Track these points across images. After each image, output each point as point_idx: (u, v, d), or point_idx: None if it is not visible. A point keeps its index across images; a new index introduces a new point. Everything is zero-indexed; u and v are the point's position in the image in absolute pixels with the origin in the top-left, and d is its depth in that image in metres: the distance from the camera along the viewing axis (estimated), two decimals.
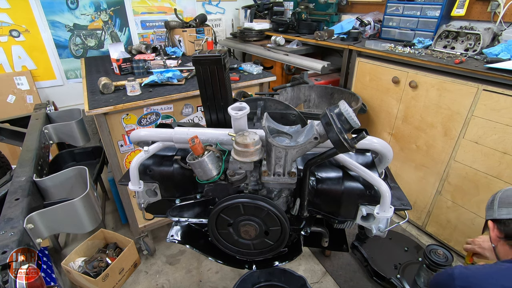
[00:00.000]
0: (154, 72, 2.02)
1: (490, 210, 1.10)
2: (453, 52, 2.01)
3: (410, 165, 2.23)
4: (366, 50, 2.24)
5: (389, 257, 2.00)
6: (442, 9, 2.14)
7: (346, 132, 0.73)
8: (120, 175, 1.76)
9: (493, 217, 1.06)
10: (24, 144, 1.37)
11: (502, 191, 1.11)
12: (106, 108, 1.59)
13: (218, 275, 2.06)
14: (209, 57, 1.05)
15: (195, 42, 2.80)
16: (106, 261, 1.94)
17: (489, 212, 1.10)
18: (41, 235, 0.91)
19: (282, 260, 1.14)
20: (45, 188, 1.11)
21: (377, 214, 0.91)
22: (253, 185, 0.99)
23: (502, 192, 1.10)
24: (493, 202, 1.10)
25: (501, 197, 1.08)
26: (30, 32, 2.71)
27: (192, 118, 1.96)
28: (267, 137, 0.83)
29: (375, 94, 2.31)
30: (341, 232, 1.29)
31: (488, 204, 1.14)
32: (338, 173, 0.97)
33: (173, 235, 1.15)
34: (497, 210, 1.05)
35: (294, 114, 1.09)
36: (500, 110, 1.62)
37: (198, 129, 1.04)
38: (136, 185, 1.05)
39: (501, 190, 1.13)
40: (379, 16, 2.69)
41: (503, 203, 1.05)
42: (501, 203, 1.06)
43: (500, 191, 1.12)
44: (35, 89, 2.79)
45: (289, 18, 3.21)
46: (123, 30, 3.16)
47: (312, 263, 2.14)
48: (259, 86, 2.09)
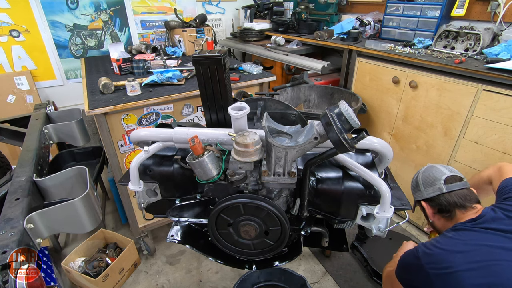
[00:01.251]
0: (154, 72, 2.02)
1: (418, 192, 1.25)
2: (453, 52, 2.01)
3: (410, 165, 2.23)
4: (366, 50, 2.24)
5: (389, 257, 1.98)
6: (442, 9, 2.14)
7: (346, 132, 0.73)
8: (120, 175, 1.76)
9: (424, 197, 1.21)
10: (24, 144, 1.37)
11: (419, 173, 1.28)
12: (106, 108, 1.59)
13: (218, 275, 2.06)
14: (209, 57, 1.05)
15: (195, 42, 2.80)
16: (106, 261, 1.94)
17: (418, 193, 1.25)
18: (41, 235, 0.91)
19: (282, 260, 1.14)
20: (45, 188, 1.11)
21: (377, 214, 0.91)
22: (253, 185, 0.99)
23: (421, 174, 1.25)
24: (418, 184, 1.25)
25: (423, 179, 1.23)
26: (30, 32, 2.71)
27: (192, 118, 1.96)
28: (267, 137, 0.83)
29: (375, 94, 2.31)
30: (341, 232, 1.29)
31: (413, 186, 1.29)
32: (338, 173, 0.97)
33: (173, 235, 1.15)
34: (425, 191, 1.21)
35: (294, 114, 1.09)
36: (500, 110, 1.62)
37: (198, 129, 1.04)
38: (136, 185, 1.05)
39: (418, 172, 1.29)
40: (379, 16, 2.69)
41: (426, 183, 1.21)
42: (425, 183, 1.21)
43: (418, 173, 1.28)
44: (35, 89, 2.79)
45: (289, 18, 3.20)
46: (123, 30, 3.16)
47: (312, 263, 2.14)
48: (259, 86, 2.09)
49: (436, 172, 1.21)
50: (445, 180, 1.16)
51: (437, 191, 1.16)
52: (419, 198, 1.24)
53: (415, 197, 1.28)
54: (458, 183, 1.15)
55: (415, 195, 1.28)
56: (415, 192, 1.28)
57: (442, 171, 1.20)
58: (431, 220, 1.23)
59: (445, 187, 1.15)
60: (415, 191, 1.28)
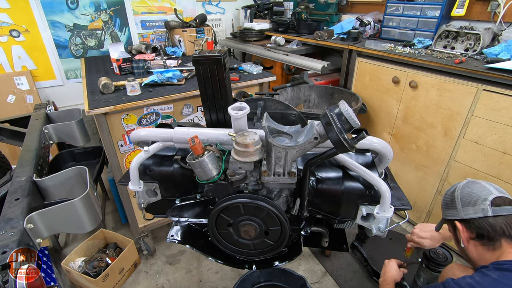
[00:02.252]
0: (154, 72, 2.02)
1: (452, 210, 1.06)
2: (453, 52, 2.01)
3: (410, 165, 2.23)
4: (366, 50, 2.24)
5: (389, 257, 1.98)
6: (442, 9, 2.14)
7: (346, 132, 0.73)
8: (120, 175, 1.76)
9: (460, 217, 1.02)
10: (24, 144, 1.37)
11: (459, 188, 1.07)
12: (106, 108, 1.59)
13: (218, 275, 2.06)
14: (209, 57, 1.05)
15: (195, 42, 2.79)
16: (106, 261, 1.94)
17: (451, 212, 1.06)
18: (41, 235, 0.91)
19: (282, 260, 1.14)
20: (45, 188, 1.11)
21: (377, 214, 0.91)
22: (253, 185, 0.99)
23: (461, 190, 1.06)
24: (454, 201, 1.05)
25: (462, 196, 1.04)
26: (30, 32, 2.71)
27: (192, 118, 1.96)
28: (267, 137, 0.83)
29: (375, 94, 2.31)
30: (341, 232, 1.29)
31: (445, 202, 1.10)
32: (338, 173, 0.97)
33: (173, 235, 1.15)
34: (462, 210, 1.02)
35: (294, 114, 1.09)
36: (500, 110, 1.62)
37: (198, 129, 1.04)
38: (136, 185, 1.05)
39: (456, 186, 1.09)
40: (379, 16, 2.69)
41: (466, 202, 1.02)
42: (464, 202, 1.02)
43: (455, 189, 1.08)
44: (35, 89, 2.79)
45: (289, 18, 3.20)
46: (123, 30, 3.16)
47: (312, 263, 2.14)
48: (259, 86, 2.09)
49: (481, 190, 1.01)
50: (492, 201, 0.96)
51: (480, 213, 0.97)
52: (452, 218, 1.05)
53: (447, 215, 1.08)
54: (508, 207, 0.95)
55: (446, 213, 1.09)
56: (447, 210, 1.08)
57: (488, 190, 1.00)
58: (464, 246, 1.03)
59: (491, 210, 0.95)
60: (448, 208, 1.08)
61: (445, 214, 1.10)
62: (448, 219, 1.08)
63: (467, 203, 1.01)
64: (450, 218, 1.07)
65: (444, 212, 1.11)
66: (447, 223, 1.12)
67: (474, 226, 0.99)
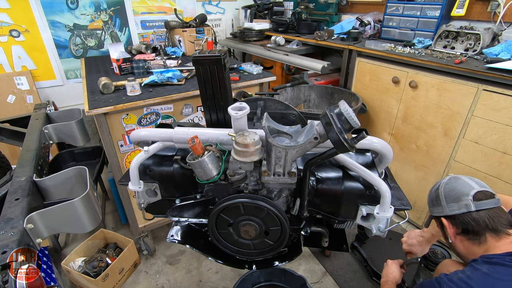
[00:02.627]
0: (154, 72, 2.02)
1: (437, 207, 1.07)
2: (453, 52, 2.01)
3: (410, 165, 2.23)
4: (366, 50, 2.24)
5: (389, 257, 1.99)
6: (442, 9, 2.14)
7: (346, 132, 0.73)
8: (120, 175, 1.76)
9: (445, 213, 1.04)
10: (24, 144, 1.37)
11: (441, 184, 1.09)
12: (106, 108, 1.59)
13: (218, 275, 2.06)
14: (209, 57, 1.05)
15: (195, 42, 2.79)
16: (106, 261, 1.94)
17: (437, 209, 1.07)
18: (41, 235, 0.91)
19: (282, 260, 1.14)
20: (45, 188, 1.11)
21: (377, 214, 0.91)
22: (253, 185, 0.99)
23: (443, 186, 1.07)
24: (438, 198, 1.07)
25: (445, 192, 1.05)
26: (30, 32, 2.71)
27: (192, 118, 1.96)
28: (267, 137, 0.83)
29: (375, 94, 2.31)
30: (341, 232, 1.29)
31: (431, 200, 1.12)
32: (338, 173, 0.97)
33: (173, 235, 1.15)
34: (447, 206, 1.03)
35: (294, 114, 1.09)
36: (500, 110, 1.62)
37: (198, 129, 1.04)
38: (136, 185, 1.05)
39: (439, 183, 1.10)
40: (379, 16, 2.69)
41: (450, 198, 1.03)
42: (448, 198, 1.04)
43: (439, 186, 1.09)
44: (35, 89, 2.79)
45: (289, 18, 3.20)
46: (123, 30, 3.16)
47: (312, 263, 2.14)
48: (259, 86, 2.09)
49: (463, 185, 1.02)
50: (474, 196, 0.98)
51: (463, 208, 0.98)
52: (438, 214, 1.07)
53: (433, 212, 1.10)
54: (489, 200, 0.97)
55: (432, 210, 1.11)
56: (433, 207, 1.10)
57: (470, 185, 1.01)
58: (452, 241, 1.06)
59: (473, 205, 0.97)
60: (433, 205, 1.10)
61: (432, 211, 1.12)
62: (435, 216, 1.11)
63: (451, 199, 1.03)
64: (437, 215, 1.09)
65: (430, 209, 1.13)
66: (435, 220, 1.14)
67: (459, 222, 1.01)
